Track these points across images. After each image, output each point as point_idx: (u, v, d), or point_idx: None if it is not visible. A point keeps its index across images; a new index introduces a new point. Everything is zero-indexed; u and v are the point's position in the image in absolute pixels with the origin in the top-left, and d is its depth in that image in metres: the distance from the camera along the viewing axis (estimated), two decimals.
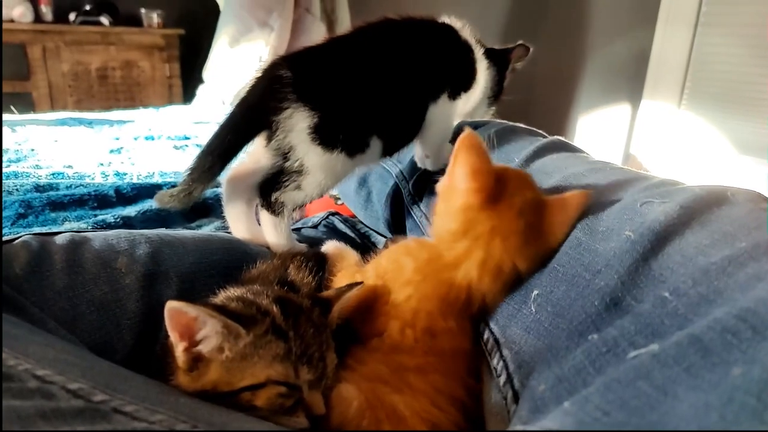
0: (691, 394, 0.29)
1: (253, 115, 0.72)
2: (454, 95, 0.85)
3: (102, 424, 0.36)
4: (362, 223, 1.13)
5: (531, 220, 0.59)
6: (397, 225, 1.01)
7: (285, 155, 0.72)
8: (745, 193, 0.54)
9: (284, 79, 0.70)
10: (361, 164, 0.80)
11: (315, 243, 0.89)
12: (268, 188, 0.75)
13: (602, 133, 2.20)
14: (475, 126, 0.99)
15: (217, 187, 0.83)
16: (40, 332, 0.51)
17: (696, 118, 2.00)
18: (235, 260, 0.76)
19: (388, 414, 0.53)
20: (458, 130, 0.97)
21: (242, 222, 0.82)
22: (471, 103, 0.88)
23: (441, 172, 0.66)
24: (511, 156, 0.84)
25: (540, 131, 0.95)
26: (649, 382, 0.32)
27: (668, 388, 0.31)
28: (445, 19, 0.86)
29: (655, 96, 2.05)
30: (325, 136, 0.71)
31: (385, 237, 1.08)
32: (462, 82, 0.86)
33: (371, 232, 1.11)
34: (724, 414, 0.27)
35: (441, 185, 0.64)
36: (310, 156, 0.72)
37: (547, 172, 0.76)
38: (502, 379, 0.54)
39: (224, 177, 0.79)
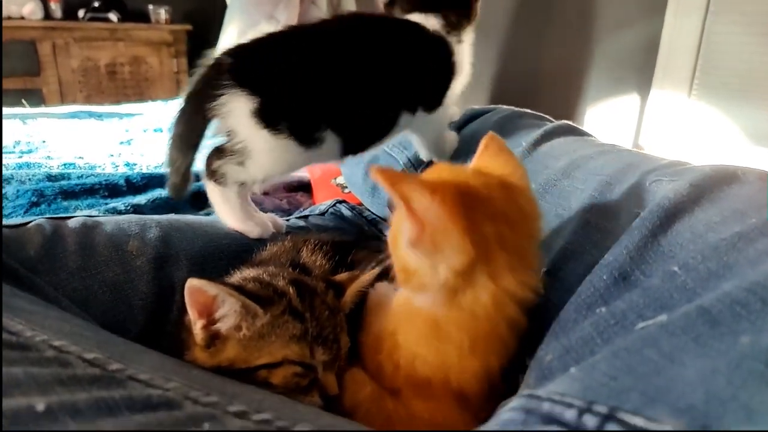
0: (698, 361, 0.29)
1: (196, 104, 0.72)
2: (431, 108, 0.83)
3: (118, 391, 0.37)
4: (369, 210, 1.13)
5: (490, 182, 0.50)
6: None
7: (228, 137, 0.72)
8: (755, 172, 0.54)
9: (223, 66, 0.70)
10: (319, 159, 0.79)
11: (322, 231, 0.89)
12: (213, 157, 0.75)
13: (610, 124, 2.19)
14: (482, 113, 0.99)
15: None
16: (56, 309, 0.52)
17: (707, 108, 1.98)
18: (244, 244, 0.77)
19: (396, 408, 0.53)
20: (470, 116, 0.97)
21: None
22: (460, 86, 0.85)
23: None
24: (518, 141, 0.84)
25: (547, 116, 0.95)
26: (657, 350, 0.32)
27: (675, 356, 0.31)
28: (415, 17, 0.82)
29: (664, 85, 2.03)
30: (269, 119, 0.70)
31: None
32: (441, 87, 0.83)
33: (378, 219, 1.12)
34: (732, 379, 0.27)
35: (408, 242, 0.46)
36: (256, 139, 0.71)
37: (555, 156, 0.76)
38: None
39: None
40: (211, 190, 0.77)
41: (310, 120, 0.73)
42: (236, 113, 0.69)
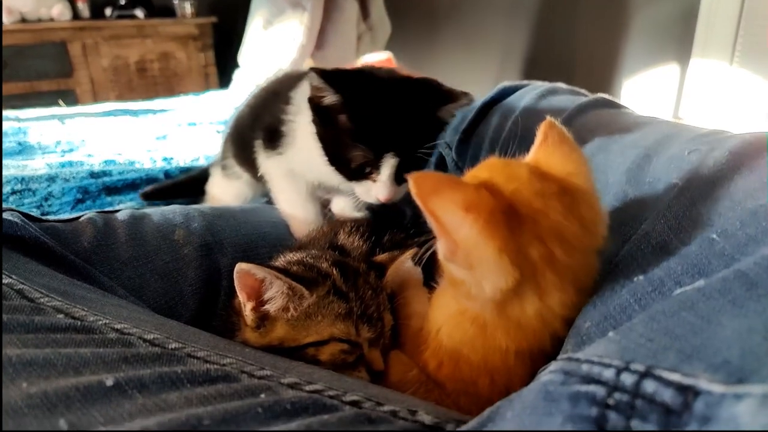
0: (735, 321, 0.30)
1: None
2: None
3: (179, 366, 0.39)
4: None
5: (550, 189, 0.45)
6: None
7: None
8: None
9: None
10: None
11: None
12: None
13: (649, 96, 2.13)
14: (514, 89, 0.98)
15: None
16: (112, 296, 0.55)
17: (750, 75, 1.91)
18: (283, 232, 0.79)
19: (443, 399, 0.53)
20: (502, 91, 0.96)
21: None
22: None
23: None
24: (552, 116, 0.83)
25: (582, 90, 0.93)
26: (694, 313, 0.32)
27: (712, 317, 0.31)
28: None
29: (705, 54, 1.96)
30: None
31: None
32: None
33: None
34: None
35: (444, 255, 0.45)
36: None
37: (591, 130, 0.75)
38: None
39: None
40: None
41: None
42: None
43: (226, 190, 1.01)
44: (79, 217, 0.66)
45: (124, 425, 0.32)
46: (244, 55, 2.87)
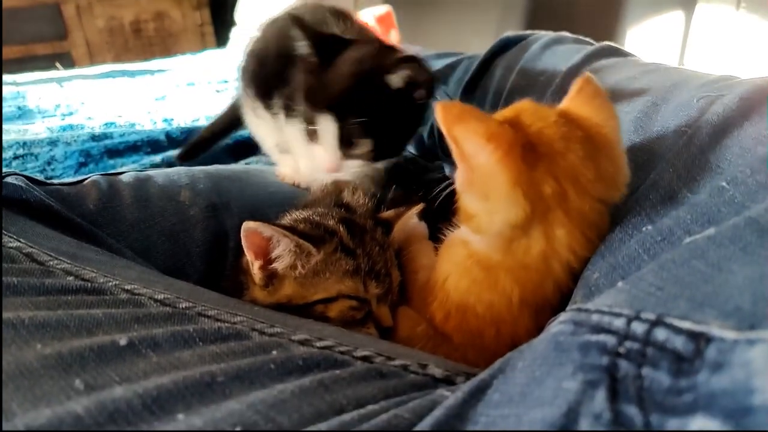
0: (746, 268, 0.29)
1: None
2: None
3: (190, 325, 0.40)
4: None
5: (574, 134, 0.46)
6: (444, 148, 1.00)
7: None
8: None
9: None
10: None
11: None
12: None
13: (654, 43, 2.08)
14: (517, 40, 0.95)
15: None
16: (121, 258, 0.55)
17: (758, 20, 1.85)
18: (289, 191, 0.79)
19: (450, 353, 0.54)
20: (505, 42, 0.94)
21: None
22: None
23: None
24: (558, 66, 0.82)
25: (588, 39, 0.91)
26: (704, 261, 0.32)
27: (723, 265, 0.31)
28: None
29: None
30: None
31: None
32: None
33: (415, 156, 1.11)
34: None
35: (463, 183, 0.47)
36: None
37: (599, 79, 0.73)
38: None
39: None
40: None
41: None
42: None
43: None
44: (84, 180, 0.66)
45: (139, 383, 0.32)
46: (240, 13, 2.80)
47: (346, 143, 0.67)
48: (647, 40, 2.10)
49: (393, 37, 1.83)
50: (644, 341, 0.28)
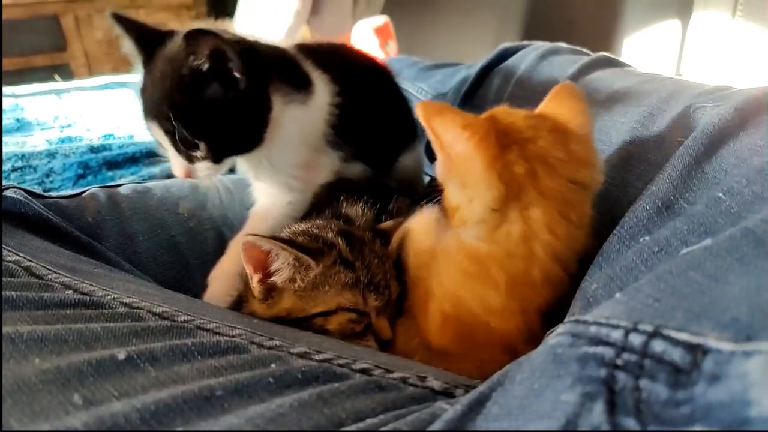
0: (742, 279, 0.29)
1: None
2: None
3: (189, 339, 0.40)
4: None
5: (548, 125, 0.50)
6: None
7: None
8: None
9: None
10: None
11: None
12: None
13: (650, 53, 2.09)
14: (515, 50, 0.96)
15: None
16: (119, 271, 0.55)
17: (753, 28, 1.86)
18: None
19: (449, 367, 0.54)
20: (503, 53, 0.95)
21: None
22: None
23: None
24: (555, 77, 0.82)
25: (584, 50, 0.92)
26: (701, 272, 0.32)
27: (720, 276, 0.31)
28: None
29: (707, 6, 1.92)
30: None
31: (429, 174, 1.08)
32: None
33: None
34: None
35: (443, 173, 0.51)
36: None
37: (594, 90, 0.74)
38: None
39: None
40: None
41: None
42: None
43: None
44: (82, 193, 0.66)
45: (138, 398, 0.32)
46: (238, 24, 2.81)
47: (187, 147, 0.60)
48: (644, 49, 2.11)
49: (391, 48, 1.84)
50: (642, 353, 0.28)
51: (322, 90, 0.68)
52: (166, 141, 0.60)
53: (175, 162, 0.61)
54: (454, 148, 0.48)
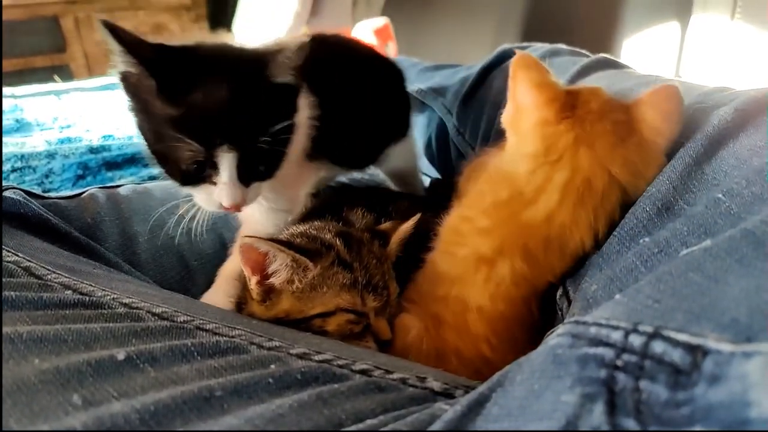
0: (742, 280, 0.29)
1: None
2: None
3: (189, 339, 0.40)
4: None
5: (618, 118, 0.52)
6: (442, 161, 1.01)
7: None
8: None
9: None
10: None
11: (361, 185, 0.90)
12: None
13: (650, 54, 2.09)
14: (513, 53, 0.96)
15: None
16: (118, 272, 0.55)
17: (752, 29, 1.87)
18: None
19: (440, 347, 0.55)
20: (502, 54, 0.95)
21: None
22: None
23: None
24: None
25: (583, 51, 0.92)
26: (701, 273, 0.32)
27: (719, 277, 0.31)
28: None
29: (706, 8, 1.92)
30: None
31: (428, 175, 1.08)
32: None
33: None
34: None
35: (506, 117, 0.58)
36: None
37: None
38: (558, 292, 0.55)
39: None
40: None
41: None
42: None
43: None
44: (82, 194, 0.66)
45: (137, 398, 0.32)
46: (238, 25, 2.82)
47: (249, 173, 0.56)
48: (643, 50, 2.11)
49: (391, 50, 1.84)
50: (642, 354, 0.28)
51: (304, 103, 0.63)
52: (229, 168, 0.54)
53: (228, 190, 0.55)
54: (522, 100, 0.54)
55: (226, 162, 0.53)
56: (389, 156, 0.84)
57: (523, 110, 0.54)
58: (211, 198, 0.56)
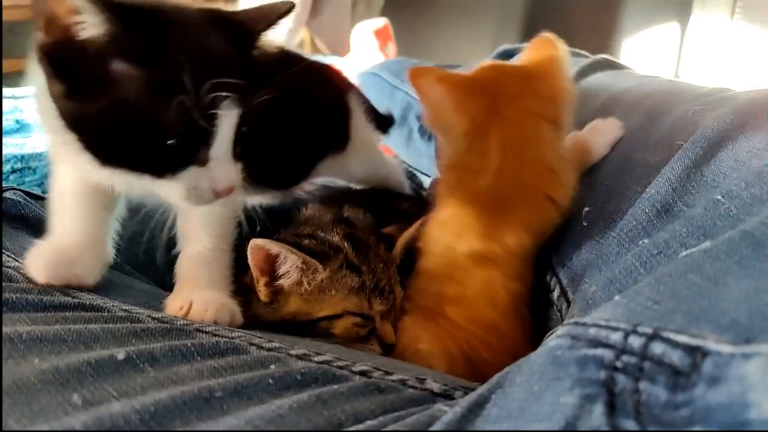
0: (741, 281, 0.29)
1: None
2: None
3: (188, 340, 0.40)
4: (405, 162, 1.13)
5: (516, 77, 0.60)
6: None
7: None
8: None
9: None
10: None
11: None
12: None
13: (649, 55, 2.09)
14: (516, 51, 0.96)
15: None
16: (119, 274, 0.55)
17: (752, 29, 1.87)
18: (286, 205, 0.79)
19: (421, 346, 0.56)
20: (502, 54, 0.95)
21: None
22: None
23: None
24: None
25: (583, 52, 0.92)
26: (700, 274, 0.32)
27: (719, 278, 0.31)
28: None
29: (705, 8, 1.92)
30: None
31: (428, 175, 1.08)
32: None
33: (416, 172, 1.12)
34: None
35: (426, 119, 0.62)
36: None
37: (593, 93, 0.74)
38: (556, 293, 0.55)
39: None
40: None
41: None
42: None
43: None
44: None
45: (137, 398, 0.32)
46: None
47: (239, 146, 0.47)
48: (643, 51, 2.11)
49: (390, 50, 1.84)
50: (641, 355, 0.28)
51: None
52: (230, 127, 0.45)
53: (224, 165, 0.46)
54: (432, 97, 0.59)
55: (226, 124, 0.44)
56: (346, 168, 0.78)
57: (438, 104, 0.59)
58: (199, 186, 0.45)
